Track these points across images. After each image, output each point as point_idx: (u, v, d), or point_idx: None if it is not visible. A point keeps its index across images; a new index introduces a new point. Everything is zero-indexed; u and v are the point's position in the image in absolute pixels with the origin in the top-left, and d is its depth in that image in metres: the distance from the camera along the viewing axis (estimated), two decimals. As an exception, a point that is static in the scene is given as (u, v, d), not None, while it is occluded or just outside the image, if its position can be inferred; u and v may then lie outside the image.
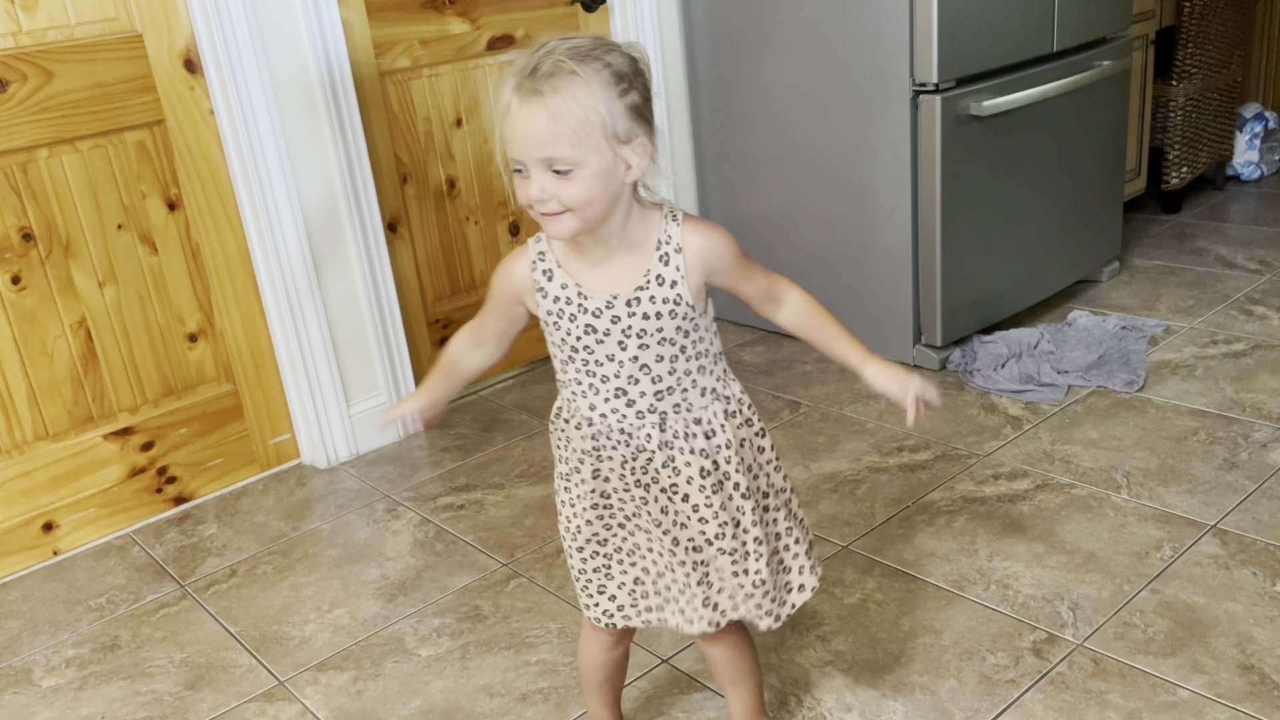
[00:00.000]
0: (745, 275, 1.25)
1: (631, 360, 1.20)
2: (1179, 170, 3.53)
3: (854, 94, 2.52)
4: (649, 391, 1.21)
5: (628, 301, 1.18)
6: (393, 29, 2.43)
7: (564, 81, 1.08)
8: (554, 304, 1.21)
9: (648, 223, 1.19)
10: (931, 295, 2.55)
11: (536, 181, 1.11)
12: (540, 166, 1.10)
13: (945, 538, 1.92)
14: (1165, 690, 1.50)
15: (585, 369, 1.22)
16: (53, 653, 1.87)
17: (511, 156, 1.12)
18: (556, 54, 1.09)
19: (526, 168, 1.11)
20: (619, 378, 1.21)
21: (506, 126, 1.10)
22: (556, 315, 1.21)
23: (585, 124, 1.09)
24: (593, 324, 1.19)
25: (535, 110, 1.08)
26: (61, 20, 2.00)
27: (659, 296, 1.18)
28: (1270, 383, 2.36)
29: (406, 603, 1.90)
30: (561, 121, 1.08)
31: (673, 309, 1.19)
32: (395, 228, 2.54)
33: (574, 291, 1.19)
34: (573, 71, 1.08)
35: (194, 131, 2.19)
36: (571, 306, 1.20)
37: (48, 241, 2.06)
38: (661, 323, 1.19)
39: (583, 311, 1.19)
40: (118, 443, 2.21)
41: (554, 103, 1.08)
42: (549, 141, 1.08)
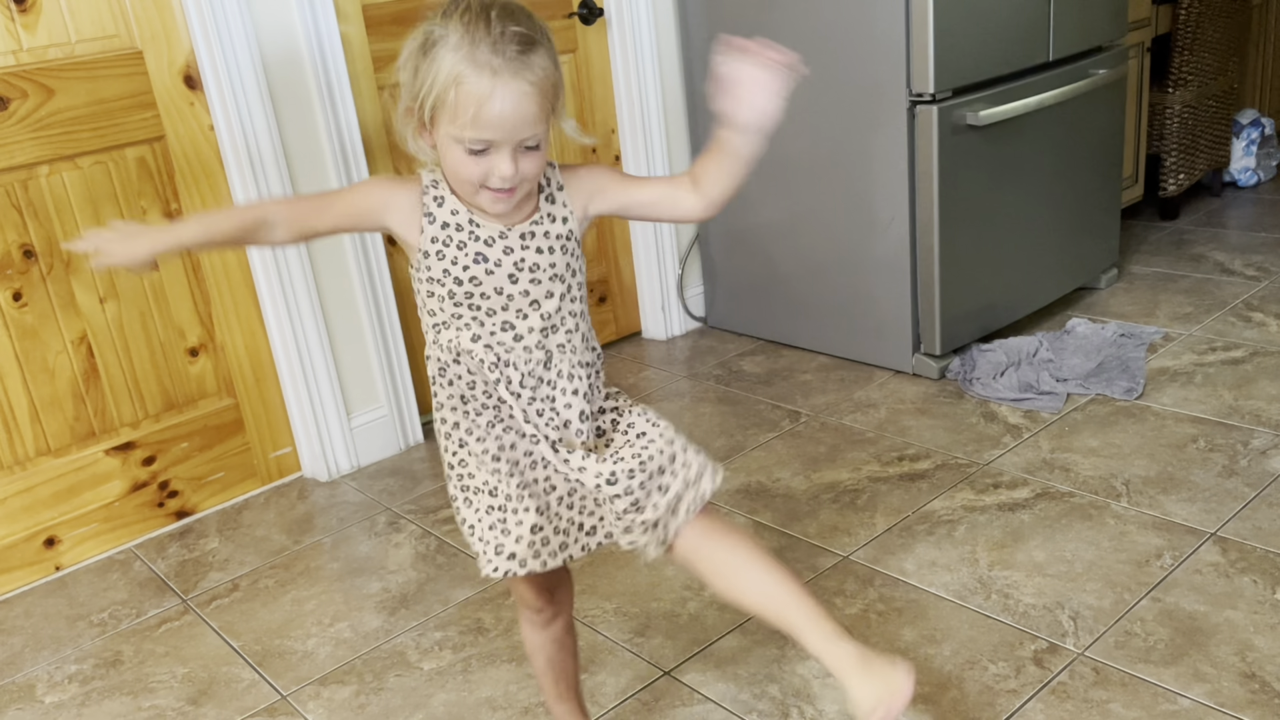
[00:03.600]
0: (633, 184, 1.22)
1: (522, 294, 1.16)
2: (1176, 177, 3.54)
3: (851, 105, 2.53)
4: (536, 328, 1.17)
5: (521, 235, 1.16)
6: (392, 43, 2.44)
7: (540, 55, 1.05)
8: (441, 230, 1.15)
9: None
10: (930, 304, 2.56)
11: (509, 161, 1.07)
12: (515, 145, 1.07)
13: (946, 547, 1.92)
14: (1166, 699, 1.50)
15: (469, 303, 1.16)
16: (55, 669, 1.87)
17: (480, 138, 1.06)
18: (512, 24, 1.04)
19: (494, 146, 1.07)
20: (506, 311, 1.17)
21: (484, 109, 1.04)
22: (443, 243, 1.15)
23: (554, 96, 1.08)
24: (484, 253, 1.15)
25: (525, 91, 1.04)
26: (62, 38, 2.01)
27: (552, 232, 1.17)
28: (1269, 389, 2.36)
29: (408, 616, 1.90)
30: (545, 97, 1.06)
31: (564, 244, 1.18)
32: (395, 241, 2.54)
33: (465, 219, 1.15)
34: (538, 43, 1.05)
35: (194, 147, 2.20)
36: (462, 234, 1.15)
37: (49, 258, 2.07)
38: (554, 258, 1.17)
39: (473, 239, 1.15)
40: (119, 457, 2.22)
41: (538, 79, 1.05)
42: (534, 120, 1.06)
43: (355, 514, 2.29)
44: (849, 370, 2.73)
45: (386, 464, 2.50)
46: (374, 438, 2.51)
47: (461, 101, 1.04)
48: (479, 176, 1.09)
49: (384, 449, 2.53)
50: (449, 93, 1.05)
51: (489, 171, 1.08)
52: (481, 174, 1.09)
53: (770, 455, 2.33)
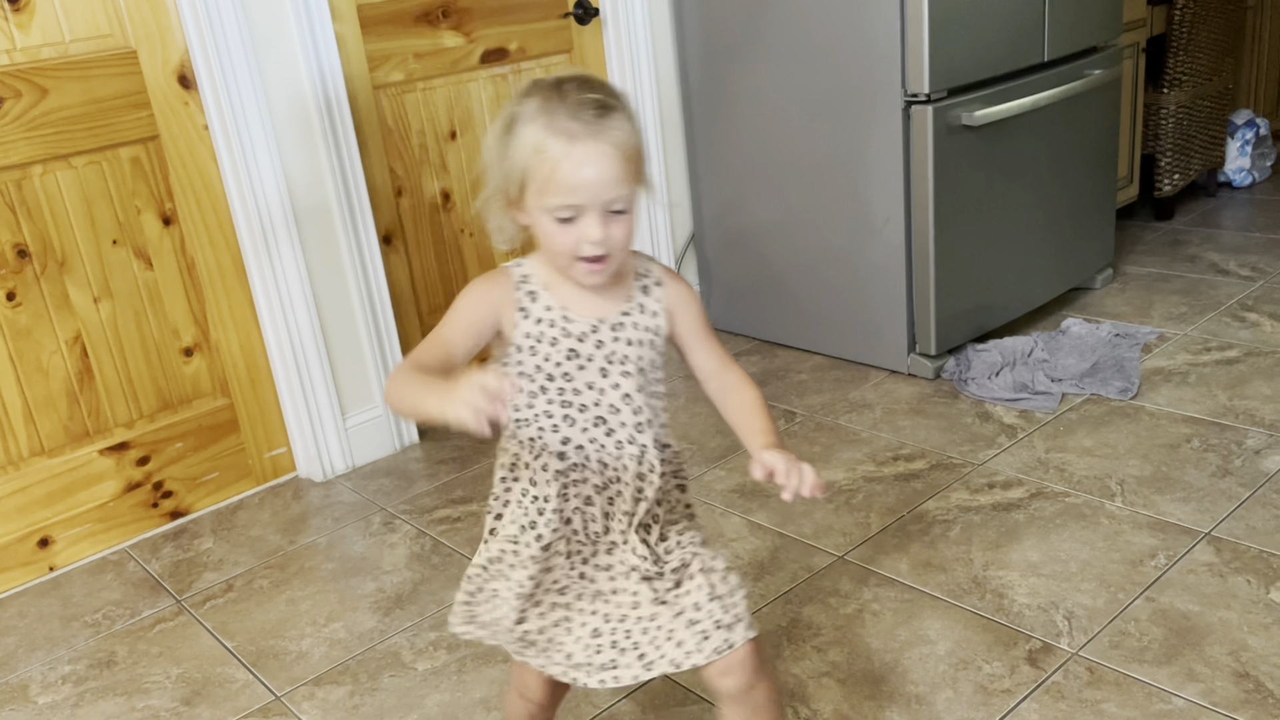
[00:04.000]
0: (704, 342, 1.24)
1: (613, 388, 1.17)
2: (1171, 177, 3.55)
3: (846, 105, 2.53)
4: (628, 423, 1.18)
5: (613, 326, 1.17)
6: (387, 43, 2.44)
7: (619, 119, 1.07)
8: (535, 325, 1.16)
9: (627, 259, 1.18)
10: (925, 304, 2.56)
11: (598, 224, 1.07)
12: (601, 209, 1.07)
13: (940, 547, 1.92)
14: (1160, 699, 1.50)
15: (560, 398, 1.17)
16: (49, 669, 1.87)
17: (567, 203, 1.07)
18: (588, 91, 1.07)
19: (584, 212, 1.07)
20: (599, 406, 1.18)
21: (563, 173, 1.05)
22: (535, 339, 1.16)
23: (638, 158, 1.09)
24: (575, 348, 1.16)
25: (605, 152, 1.06)
26: (56, 37, 2.01)
27: (641, 324, 1.18)
28: (1263, 389, 2.37)
29: (403, 616, 1.90)
30: (628, 159, 1.07)
31: (653, 339, 1.19)
32: (390, 241, 2.54)
33: (558, 314, 1.16)
34: (616, 108, 1.07)
35: (188, 147, 2.19)
36: (554, 329, 1.16)
37: (43, 258, 2.07)
38: (643, 350, 1.18)
39: (565, 335, 1.16)
40: (113, 458, 2.21)
41: (620, 140, 1.06)
42: (618, 181, 1.07)
43: (350, 514, 2.28)
44: (844, 370, 2.73)
45: (381, 464, 2.50)
46: (369, 438, 2.50)
47: (545, 169, 1.06)
48: (571, 246, 1.09)
49: (379, 449, 2.53)
50: (532, 163, 1.07)
51: (579, 239, 1.08)
52: (573, 243, 1.09)
53: (765, 455, 2.33)
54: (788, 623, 1.76)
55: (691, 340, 1.23)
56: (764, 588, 1.86)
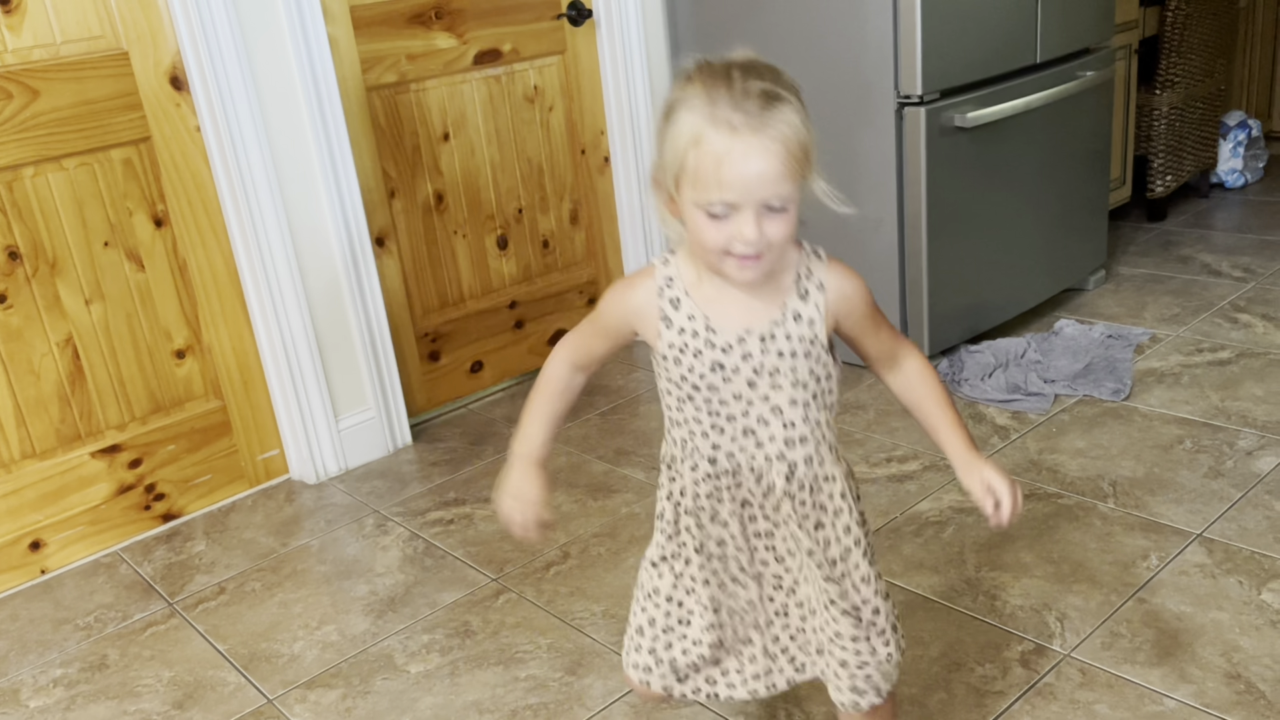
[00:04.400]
0: (874, 329, 1.16)
1: (762, 400, 1.11)
2: (1164, 178, 3.55)
3: (839, 107, 2.53)
4: (779, 436, 1.12)
5: (761, 338, 1.10)
6: (379, 44, 2.44)
7: (784, 112, 0.99)
8: (678, 336, 1.10)
9: (786, 254, 1.10)
10: (918, 305, 2.56)
11: (753, 223, 1.00)
12: (758, 206, 1.00)
13: (933, 548, 1.92)
14: (1152, 700, 1.50)
15: (708, 408, 1.12)
16: (40, 672, 1.86)
17: (722, 199, 1.00)
18: (756, 80, 0.99)
19: (739, 209, 1.00)
20: (747, 417, 1.12)
21: (723, 169, 0.98)
22: (679, 350, 1.11)
23: (804, 154, 1.01)
24: (720, 360, 1.10)
25: (766, 147, 0.98)
26: (47, 39, 2.01)
27: (795, 334, 1.10)
28: (1255, 390, 2.37)
29: (396, 619, 1.89)
30: (792, 155, 0.99)
31: (808, 349, 1.11)
32: (383, 242, 2.54)
33: (701, 324, 1.10)
34: (784, 99, 1.00)
35: (180, 148, 2.19)
36: (697, 341, 1.10)
37: (34, 260, 2.06)
38: (795, 362, 1.10)
39: (710, 347, 1.10)
40: (105, 460, 2.21)
41: (785, 135, 0.99)
42: (779, 179, 1.00)
43: (343, 516, 2.28)
44: (838, 371, 2.73)
45: (375, 466, 2.50)
46: (362, 440, 2.50)
47: (701, 161, 0.99)
48: (722, 243, 1.02)
49: (372, 451, 2.52)
50: (689, 154, 1.00)
51: (732, 237, 1.01)
52: (725, 240, 1.02)
53: (759, 457, 2.33)
54: (781, 624, 1.76)
55: (860, 333, 1.16)
56: (757, 589, 1.86)
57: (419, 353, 2.67)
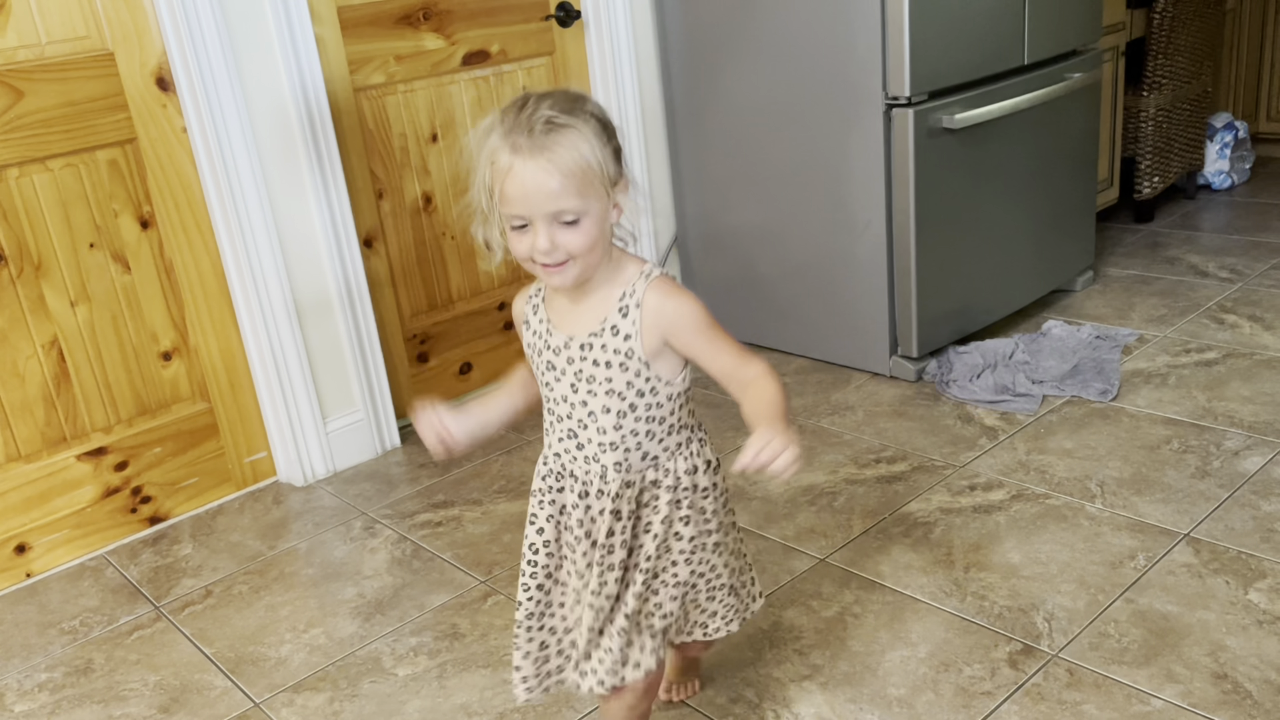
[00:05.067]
0: (709, 349, 1.21)
1: (581, 404, 1.23)
2: (1151, 180, 3.57)
3: (828, 108, 2.53)
4: (594, 440, 1.23)
5: (581, 345, 1.21)
6: (367, 45, 2.43)
7: (563, 136, 1.11)
8: (532, 336, 1.27)
9: (622, 273, 1.22)
10: (907, 307, 2.57)
11: (544, 234, 1.13)
12: (547, 220, 1.13)
13: (922, 549, 1.92)
14: (1139, 700, 1.51)
15: (549, 405, 1.28)
16: (25, 677, 1.85)
17: (514, 213, 1.13)
18: (544, 109, 1.12)
19: (531, 222, 1.13)
20: (570, 419, 1.25)
21: (509, 185, 1.12)
22: (531, 348, 1.28)
23: (587, 173, 1.12)
24: (553, 361, 1.24)
25: (542, 167, 1.10)
26: (32, 39, 1.99)
27: (610, 346, 1.20)
28: (1242, 391, 2.38)
29: (384, 622, 1.89)
30: (569, 175, 1.11)
31: (624, 362, 1.20)
32: (371, 244, 2.53)
33: (545, 327, 1.25)
34: (567, 125, 1.12)
35: (166, 149, 2.18)
36: (539, 341, 1.25)
37: (19, 261, 2.05)
38: (611, 373, 1.20)
39: (547, 348, 1.25)
40: (91, 463, 2.20)
41: (560, 157, 1.11)
42: (559, 195, 1.11)
43: (331, 519, 2.27)
44: (826, 373, 2.73)
45: (363, 468, 2.49)
46: (350, 442, 2.49)
47: (495, 179, 1.14)
48: (526, 252, 1.15)
49: (360, 453, 2.51)
50: (487, 173, 1.14)
51: (531, 246, 1.14)
52: (527, 249, 1.15)
53: (748, 458, 2.33)
54: (769, 626, 1.76)
55: (695, 351, 1.22)
56: (746, 591, 1.86)
57: (407, 354, 2.66)
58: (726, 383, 1.24)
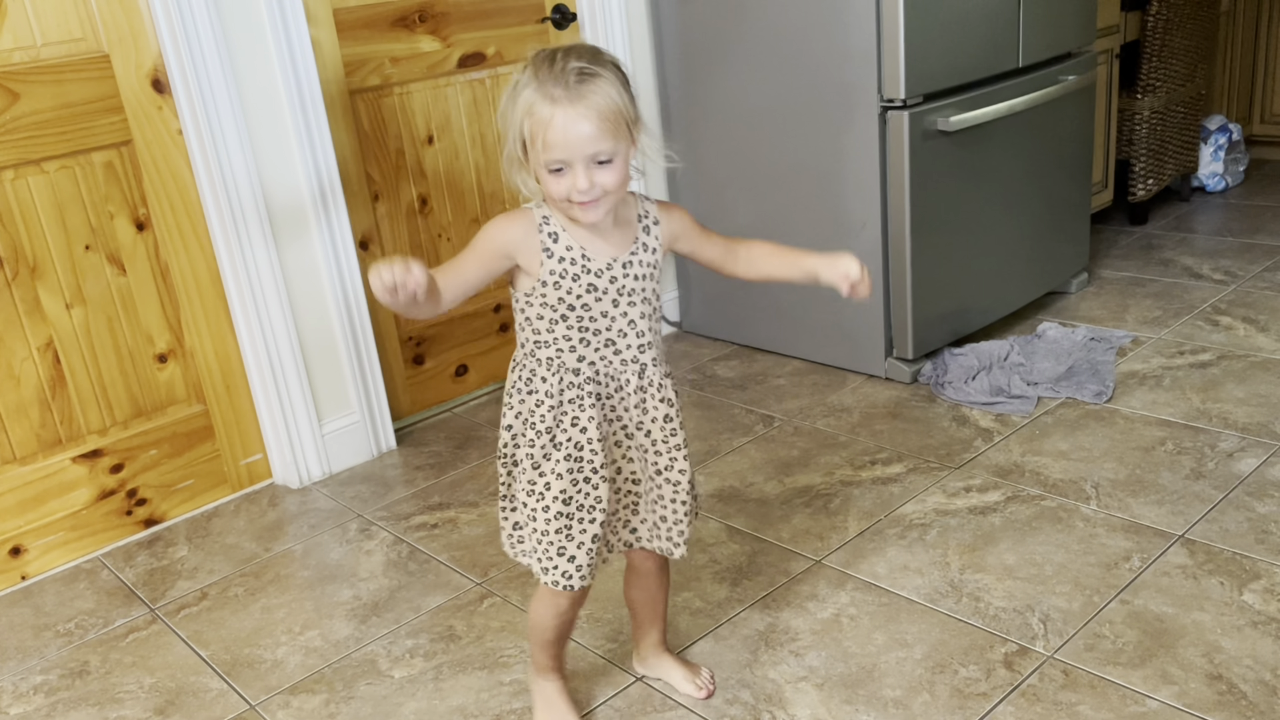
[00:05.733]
0: (704, 239, 1.45)
1: (622, 315, 1.37)
2: (1145, 182, 3.58)
3: (823, 111, 2.54)
4: (634, 344, 1.39)
5: (624, 264, 1.35)
6: (363, 47, 2.43)
7: (595, 84, 1.23)
8: (558, 264, 1.33)
9: (629, 201, 1.38)
10: (902, 309, 2.57)
11: (583, 175, 1.24)
12: (586, 162, 1.24)
13: (917, 551, 1.93)
14: (1135, 701, 1.51)
15: (579, 325, 1.35)
16: (20, 679, 1.84)
17: (555, 158, 1.24)
18: (573, 61, 1.24)
19: (570, 165, 1.24)
20: (610, 331, 1.37)
21: (550, 133, 1.23)
22: (559, 275, 1.33)
23: (617, 116, 1.25)
24: (594, 283, 1.34)
25: (581, 114, 1.22)
26: (27, 41, 1.99)
27: (645, 260, 1.37)
28: (1236, 392, 2.39)
29: (379, 624, 1.89)
30: (604, 119, 1.23)
31: (652, 272, 1.38)
32: (367, 245, 2.53)
33: (579, 253, 1.33)
34: (597, 74, 1.24)
35: (162, 151, 2.18)
36: (575, 267, 1.33)
37: (14, 263, 2.04)
38: (645, 284, 1.38)
39: (586, 272, 1.33)
40: (86, 465, 2.19)
41: (595, 103, 1.23)
42: (596, 138, 1.24)
43: (326, 521, 2.27)
44: (822, 375, 2.73)
45: (359, 470, 2.49)
46: (346, 444, 2.49)
47: (535, 128, 1.24)
48: (564, 193, 1.26)
49: (356, 455, 2.51)
50: (525, 124, 1.25)
51: (570, 187, 1.25)
52: (565, 190, 1.26)
53: (744, 459, 2.33)
54: (765, 627, 1.76)
55: (694, 246, 1.44)
56: (741, 592, 1.86)
57: (403, 356, 2.66)
58: (724, 260, 1.46)
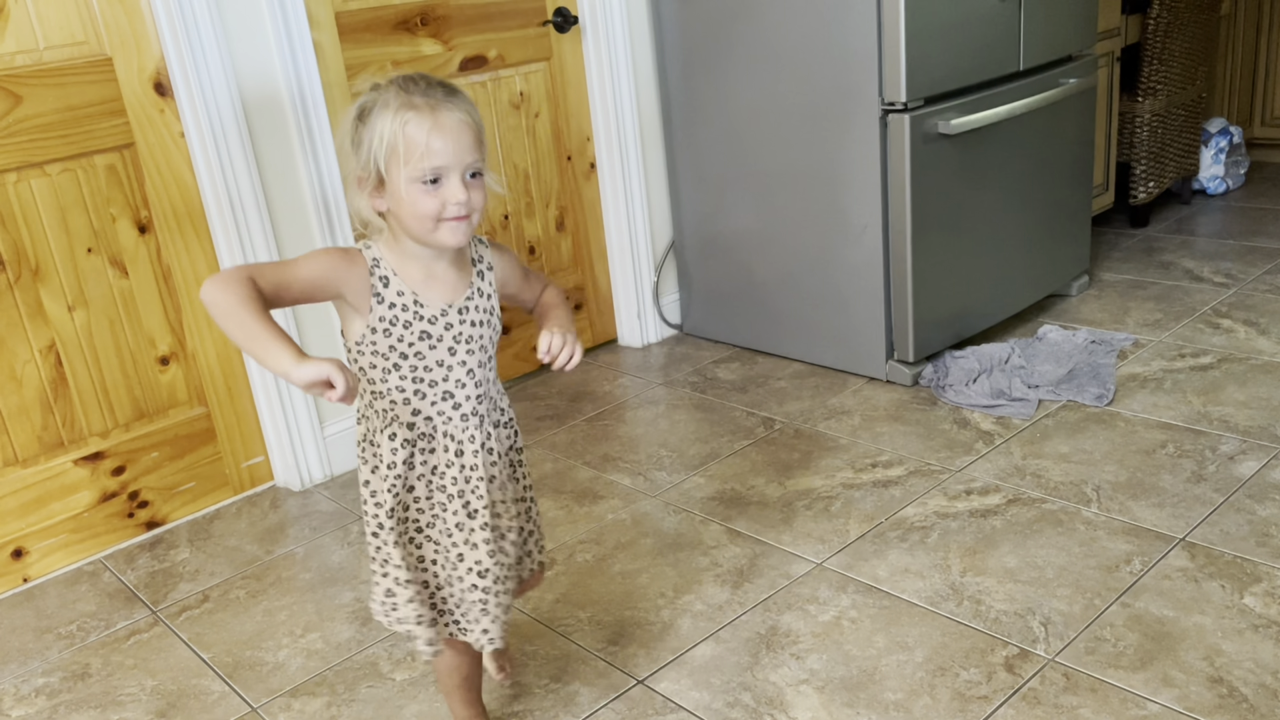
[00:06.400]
0: (527, 285, 1.44)
1: (460, 365, 1.31)
2: (1146, 185, 3.58)
3: (824, 114, 2.54)
4: (472, 395, 1.33)
5: (459, 309, 1.31)
6: (365, 51, 2.44)
7: (464, 99, 1.23)
8: (389, 310, 1.27)
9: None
10: (903, 311, 2.57)
11: (459, 186, 1.21)
12: (460, 173, 1.21)
13: (918, 554, 1.93)
14: (1135, 704, 1.51)
15: (413, 375, 1.30)
16: (22, 682, 1.85)
17: (434, 165, 1.19)
18: (432, 81, 1.22)
19: (447, 174, 1.21)
20: (446, 382, 1.31)
21: (433, 139, 1.19)
22: (390, 322, 1.27)
23: (481, 134, 1.24)
24: (428, 330, 1.29)
25: (460, 119, 1.20)
26: (30, 44, 2.00)
27: (481, 307, 1.33)
28: (1237, 395, 2.39)
29: (380, 626, 1.89)
30: (477, 129, 1.23)
31: (488, 319, 1.34)
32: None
33: (410, 299, 1.28)
34: (460, 91, 1.24)
35: (164, 154, 2.18)
36: (407, 314, 1.27)
37: (16, 266, 2.05)
38: (482, 330, 1.33)
39: (418, 319, 1.28)
40: (88, 467, 2.20)
41: (471, 112, 1.22)
42: (474, 146, 1.22)
43: (328, 523, 2.27)
44: (823, 377, 2.74)
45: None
46: (347, 446, 2.49)
47: (410, 139, 1.19)
48: (436, 209, 1.21)
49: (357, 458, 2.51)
50: (398, 138, 1.19)
51: (445, 201, 1.21)
52: (439, 205, 1.21)
53: (745, 462, 2.33)
54: (766, 630, 1.76)
55: (517, 291, 1.42)
56: (742, 595, 1.86)
57: (404, 359, 2.66)
58: (537, 307, 1.45)
